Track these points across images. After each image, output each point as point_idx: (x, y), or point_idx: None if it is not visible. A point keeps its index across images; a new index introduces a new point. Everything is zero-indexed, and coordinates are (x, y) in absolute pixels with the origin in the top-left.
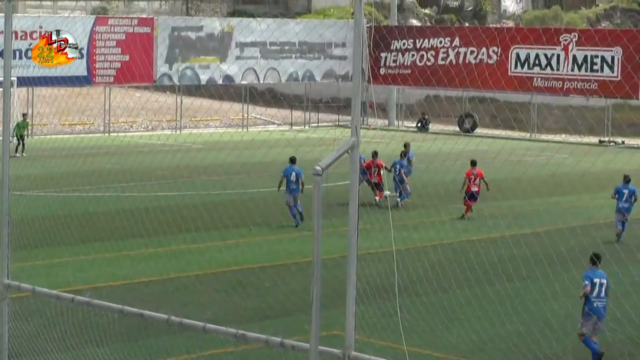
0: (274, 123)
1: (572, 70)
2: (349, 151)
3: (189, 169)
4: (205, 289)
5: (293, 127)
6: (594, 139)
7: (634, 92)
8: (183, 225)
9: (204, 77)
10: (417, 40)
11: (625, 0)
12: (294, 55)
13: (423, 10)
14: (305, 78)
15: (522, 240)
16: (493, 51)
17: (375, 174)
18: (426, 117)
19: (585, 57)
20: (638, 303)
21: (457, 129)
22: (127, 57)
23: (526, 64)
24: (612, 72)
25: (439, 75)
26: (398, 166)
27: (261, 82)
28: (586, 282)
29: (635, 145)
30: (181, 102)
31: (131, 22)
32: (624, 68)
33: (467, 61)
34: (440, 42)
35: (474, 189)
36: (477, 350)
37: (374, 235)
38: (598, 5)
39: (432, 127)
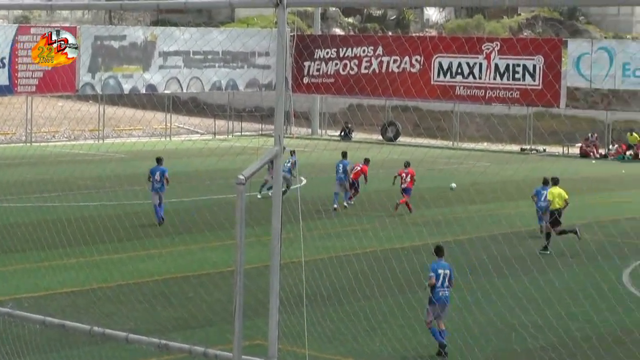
0: (197, 132)
1: (494, 79)
2: (272, 160)
3: (112, 179)
4: (127, 300)
5: (216, 137)
6: (516, 147)
7: (555, 100)
8: (105, 235)
9: (127, 87)
10: (341, 49)
11: (546, 9)
12: (217, 65)
13: (346, 19)
14: (229, 87)
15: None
16: (416, 60)
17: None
18: (349, 125)
19: (507, 65)
20: (559, 310)
21: (380, 137)
22: (49, 67)
23: (449, 72)
24: (534, 80)
25: (362, 84)
26: (341, 166)
27: (184, 91)
28: (432, 274)
29: (557, 153)
30: (104, 111)
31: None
32: (545, 76)
33: (390, 70)
34: (364, 51)
35: (404, 185)
36: (400, 358)
37: (297, 244)
38: (520, 14)
39: (355, 136)
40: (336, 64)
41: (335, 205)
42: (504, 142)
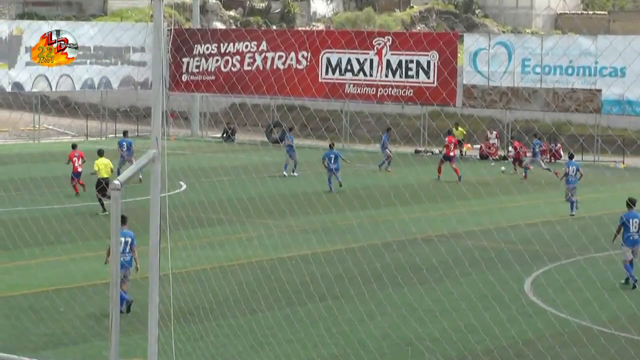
0: (67, 134)
1: (386, 76)
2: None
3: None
4: None
5: (89, 138)
6: (410, 149)
7: (451, 98)
8: None
9: None
10: (222, 45)
11: (440, 2)
12: (89, 61)
13: (227, 12)
14: (102, 85)
15: (335, 257)
16: (302, 56)
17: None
18: (232, 126)
19: (400, 62)
20: (457, 322)
21: (265, 139)
22: None
23: (338, 69)
24: (428, 77)
25: (245, 82)
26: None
27: (54, 89)
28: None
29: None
30: None
31: None
32: (441, 73)
33: (275, 67)
34: (246, 47)
35: None
36: None
37: (177, 254)
38: (413, 7)
39: (239, 137)
40: (217, 61)
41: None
42: (397, 143)
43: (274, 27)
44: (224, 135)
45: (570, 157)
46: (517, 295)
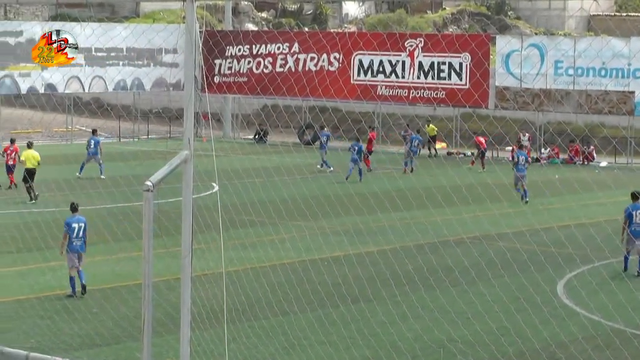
0: (100, 135)
1: (419, 77)
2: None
3: (8, 185)
4: (28, 315)
5: (121, 140)
6: (442, 151)
7: (483, 100)
8: (3, 246)
9: (24, 86)
10: (254, 46)
11: (472, 3)
12: (121, 62)
13: (260, 14)
14: (134, 87)
15: (368, 258)
16: (334, 57)
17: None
18: (264, 128)
19: (432, 63)
20: (490, 324)
21: (298, 140)
22: None
23: (370, 71)
24: (460, 79)
25: (277, 84)
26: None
27: (86, 91)
28: (65, 227)
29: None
30: (0, 112)
31: None
32: (473, 75)
33: (307, 68)
34: (279, 48)
35: None
36: None
37: (209, 255)
38: (445, 9)
39: (271, 139)
40: (249, 62)
41: None
42: (430, 144)
43: (306, 29)
44: (256, 136)
45: (520, 147)
46: (550, 298)
